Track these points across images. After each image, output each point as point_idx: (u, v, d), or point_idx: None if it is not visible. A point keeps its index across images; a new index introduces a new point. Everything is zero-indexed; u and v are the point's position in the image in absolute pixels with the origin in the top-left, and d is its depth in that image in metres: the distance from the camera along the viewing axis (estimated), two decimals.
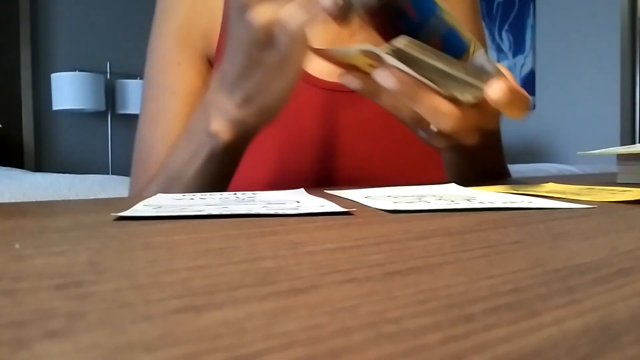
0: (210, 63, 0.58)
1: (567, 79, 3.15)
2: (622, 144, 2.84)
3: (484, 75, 0.36)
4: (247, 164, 0.55)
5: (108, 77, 3.16)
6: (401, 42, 0.33)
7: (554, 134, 3.22)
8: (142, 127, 0.58)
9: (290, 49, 0.35)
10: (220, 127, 0.41)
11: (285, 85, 0.38)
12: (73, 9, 3.12)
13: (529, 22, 3.33)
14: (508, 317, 0.10)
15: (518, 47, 3.38)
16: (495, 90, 0.35)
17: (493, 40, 3.45)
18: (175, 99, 0.56)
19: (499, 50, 3.44)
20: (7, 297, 0.11)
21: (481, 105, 0.37)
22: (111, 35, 3.22)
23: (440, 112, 0.35)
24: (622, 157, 0.50)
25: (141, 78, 3.53)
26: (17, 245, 0.17)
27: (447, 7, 0.36)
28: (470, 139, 0.39)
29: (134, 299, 0.11)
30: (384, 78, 0.34)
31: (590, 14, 3.03)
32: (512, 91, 0.35)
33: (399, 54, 0.33)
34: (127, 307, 0.10)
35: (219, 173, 0.44)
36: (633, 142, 2.89)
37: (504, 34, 3.45)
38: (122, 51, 3.22)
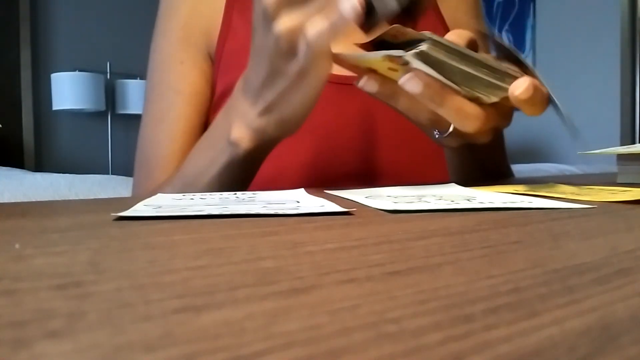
0: (212, 60, 0.58)
1: (567, 79, 3.15)
2: (622, 144, 2.84)
3: (507, 76, 0.36)
4: None
5: (108, 77, 3.16)
6: (426, 45, 0.33)
7: (554, 134, 3.22)
8: (146, 127, 0.58)
9: (312, 60, 0.35)
10: (241, 135, 0.40)
11: (306, 97, 0.38)
12: (73, 9, 3.12)
13: (529, 22, 3.33)
14: (508, 317, 0.10)
15: (518, 47, 3.38)
16: (521, 89, 0.34)
17: None
18: (179, 98, 0.56)
19: None
20: (7, 297, 0.11)
21: (499, 105, 0.36)
22: (111, 35, 3.22)
23: (465, 114, 0.35)
24: (622, 157, 0.50)
25: (141, 78, 3.51)
26: (17, 245, 0.17)
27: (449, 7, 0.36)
28: (484, 138, 0.39)
29: (134, 299, 0.11)
30: (409, 82, 0.34)
31: (590, 14, 3.03)
32: (535, 89, 0.35)
33: (424, 57, 0.33)
34: (127, 307, 0.10)
35: (236, 180, 0.44)
36: (633, 142, 2.89)
37: (504, 34, 3.45)
38: (122, 51, 3.22)
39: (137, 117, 3.19)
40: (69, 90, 2.87)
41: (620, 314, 0.10)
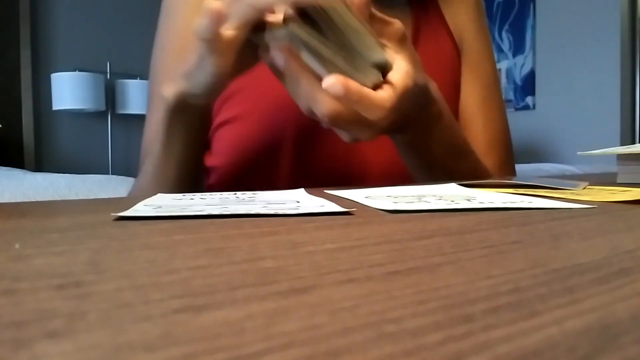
0: None
1: (567, 79, 3.15)
2: (622, 144, 2.84)
3: (370, 72, 0.37)
4: (254, 162, 0.56)
5: (108, 77, 3.16)
6: (293, 25, 0.35)
7: (554, 134, 3.23)
8: (145, 133, 0.58)
9: (202, 47, 0.39)
10: (169, 89, 0.45)
11: (203, 77, 0.41)
12: (73, 9, 3.12)
13: (529, 22, 3.33)
14: (508, 317, 0.10)
15: (518, 47, 3.38)
16: (328, 83, 0.35)
17: (493, 40, 3.45)
18: None
19: (499, 50, 3.44)
20: (7, 297, 0.11)
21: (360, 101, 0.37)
22: (111, 35, 3.22)
23: (314, 98, 0.37)
24: (622, 157, 0.50)
25: (141, 78, 3.50)
26: (17, 245, 0.17)
27: (452, 12, 0.37)
28: (363, 135, 0.40)
29: (134, 299, 0.11)
30: (276, 56, 0.37)
31: (590, 14, 3.03)
32: (350, 92, 0.35)
33: (292, 36, 0.35)
34: (127, 307, 0.10)
35: (180, 143, 0.48)
36: (633, 142, 2.89)
37: (504, 34, 3.45)
38: (122, 51, 3.22)
39: (137, 117, 3.20)
40: (69, 90, 2.87)
41: (620, 314, 0.10)
